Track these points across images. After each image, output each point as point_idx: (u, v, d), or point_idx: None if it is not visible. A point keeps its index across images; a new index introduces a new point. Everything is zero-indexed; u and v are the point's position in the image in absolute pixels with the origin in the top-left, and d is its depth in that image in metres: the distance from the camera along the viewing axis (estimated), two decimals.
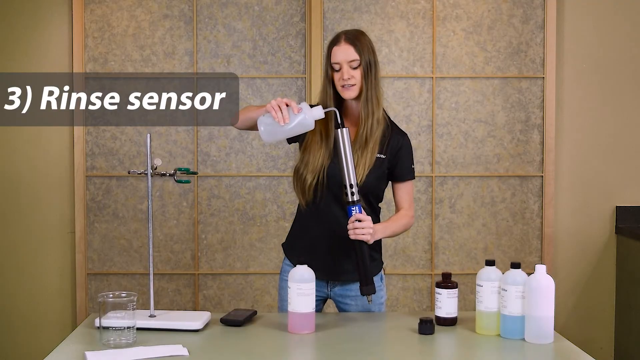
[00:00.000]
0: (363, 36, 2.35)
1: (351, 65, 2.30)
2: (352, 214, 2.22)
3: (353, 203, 2.22)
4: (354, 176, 2.21)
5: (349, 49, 2.30)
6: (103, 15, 3.67)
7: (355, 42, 2.31)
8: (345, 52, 2.30)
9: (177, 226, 3.72)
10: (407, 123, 3.70)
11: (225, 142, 3.71)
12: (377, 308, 2.44)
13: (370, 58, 2.33)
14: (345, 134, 2.20)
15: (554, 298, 2.04)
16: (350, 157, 2.21)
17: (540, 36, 3.69)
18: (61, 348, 2.01)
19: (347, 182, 2.21)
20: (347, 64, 2.30)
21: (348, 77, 2.29)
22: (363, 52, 2.31)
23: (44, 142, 3.70)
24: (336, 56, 2.31)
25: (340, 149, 2.21)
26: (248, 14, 3.69)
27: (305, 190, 2.35)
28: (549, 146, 3.69)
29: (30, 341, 3.73)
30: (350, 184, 2.21)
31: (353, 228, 2.21)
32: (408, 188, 2.43)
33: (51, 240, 3.71)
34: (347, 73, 2.29)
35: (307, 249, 2.38)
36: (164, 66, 3.69)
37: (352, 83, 2.30)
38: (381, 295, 2.45)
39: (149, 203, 2.25)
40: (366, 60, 2.31)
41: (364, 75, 2.31)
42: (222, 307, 3.72)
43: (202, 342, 2.05)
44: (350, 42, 2.31)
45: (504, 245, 3.74)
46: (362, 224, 2.21)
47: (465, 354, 2.03)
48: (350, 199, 2.22)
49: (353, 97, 2.32)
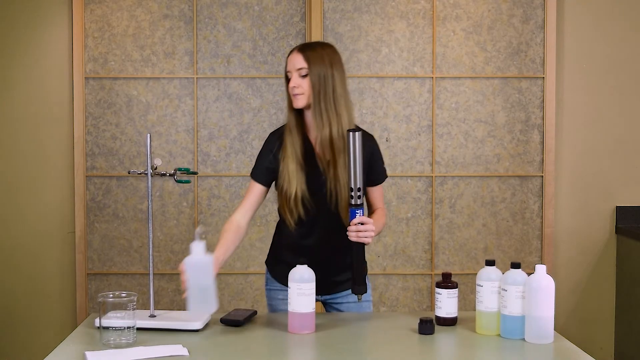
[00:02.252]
0: (322, 48, 2.33)
1: (299, 74, 2.30)
2: (356, 217, 2.23)
3: (357, 206, 2.22)
4: (360, 180, 2.21)
5: (298, 58, 2.30)
6: (103, 15, 3.67)
7: (307, 51, 2.31)
8: (294, 61, 2.31)
9: (177, 226, 3.72)
10: (407, 123, 3.70)
11: (225, 142, 3.71)
12: (366, 306, 2.47)
13: (325, 71, 2.29)
14: (357, 138, 2.19)
15: (554, 298, 2.04)
16: (359, 161, 2.20)
17: (540, 36, 3.69)
18: (61, 348, 2.01)
19: (354, 185, 2.21)
20: (296, 72, 2.30)
21: (294, 85, 2.30)
22: (313, 62, 2.29)
23: (44, 142, 3.70)
24: (288, 64, 2.33)
25: (350, 153, 2.21)
26: (248, 14, 3.69)
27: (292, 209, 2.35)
28: (549, 146, 3.69)
29: (30, 341, 3.73)
30: (358, 187, 2.21)
31: (356, 230, 2.22)
32: (380, 190, 2.50)
33: (51, 240, 3.71)
34: (293, 81, 2.30)
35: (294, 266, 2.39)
36: (164, 66, 3.69)
37: (299, 92, 2.29)
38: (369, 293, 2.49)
39: (149, 203, 2.25)
40: (317, 72, 2.28)
41: (313, 86, 2.29)
42: (222, 307, 3.72)
43: (202, 342, 2.05)
44: (300, 51, 2.31)
45: (504, 245, 3.74)
46: (365, 226, 2.22)
47: (465, 354, 2.03)
48: (355, 202, 2.22)
49: (301, 106, 2.32)
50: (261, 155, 2.42)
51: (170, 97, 3.70)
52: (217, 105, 3.70)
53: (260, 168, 2.40)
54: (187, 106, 3.70)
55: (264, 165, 2.39)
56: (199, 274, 2.05)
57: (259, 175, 2.40)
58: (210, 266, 2.07)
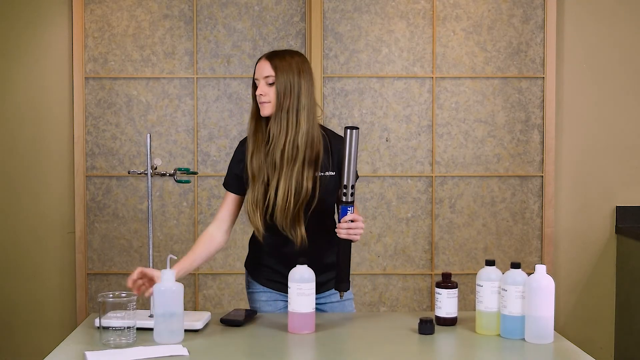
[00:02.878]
0: (291, 56, 2.30)
1: (266, 82, 2.27)
2: (347, 214, 2.22)
3: (349, 203, 2.22)
4: (353, 178, 2.21)
5: (266, 65, 2.27)
6: (103, 15, 3.67)
7: (275, 59, 2.28)
8: (261, 68, 2.28)
9: (177, 226, 3.72)
10: (407, 123, 3.70)
11: (225, 142, 3.71)
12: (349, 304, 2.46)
13: (292, 79, 2.26)
14: (354, 136, 2.19)
15: (554, 298, 2.04)
16: (353, 159, 2.20)
17: (540, 36, 3.69)
18: (61, 348, 2.01)
19: (347, 182, 2.21)
20: (263, 79, 2.28)
21: (260, 93, 2.27)
22: (280, 71, 2.26)
23: (44, 142, 3.70)
24: (255, 72, 2.31)
25: (346, 150, 2.20)
26: (248, 14, 3.69)
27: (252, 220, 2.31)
28: (549, 146, 3.69)
29: (30, 341, 3.73)
30: (351, 185, 2.21)
31: (347, 228, 2.21)
32: None
33: (51, 240, 3.72)
34: (260, 89, 2.28)
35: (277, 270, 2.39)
36: (164, 66, 3.69)
37: (266, 100, 2.27)
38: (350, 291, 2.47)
39: (149, 203, 2.25)
40: (284, 80, 2.25)
41: (278, 94, 2.26)
42: (222, 307, 3.72)
43: (202, 342, 2.05)
44: (268, 59, 2.28)
45: (504, 245, 3.74)
46: (355, 224, 2.22)
47: (465, 354, 2.03)
48: (346, 199, 2.22)
49: (267, 114, 2.28)
50: (231, 165, 2.40)
51: (170, 97, 3.70)
52: (217, 105, 3.70)
53: (231, 177, 2.38)
54: (187, 106, 3.70)
55: (233, 173, 2.37)
56: (168, 301, 2.02)
57: (231, 185, 2.38)
58: (179, 294, 2.04)
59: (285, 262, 2.31)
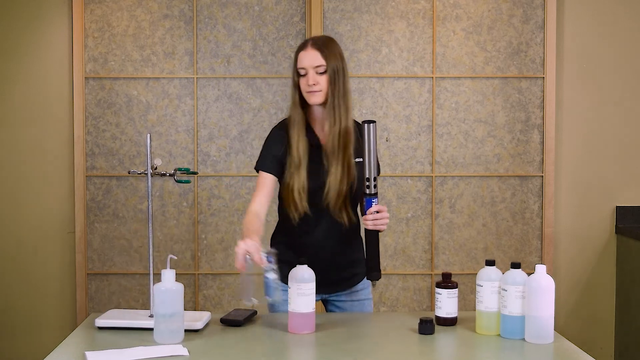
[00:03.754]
0: (332, 43, 2.35)
1: (317, 71, 2.30)
2: (372, 206, 2.26)
3: (373, 195, 2.26)
4: (374, 170, 2.26)
5: (316, 55, 2.30)
6: (103, 15, 3.67)
7: (323, 48, 2.31)
8: (312, 58, 2.30)
9: (177, 226, 3.72)
10: (407, 123, 3.70)
11: (225, 142, 3.71)
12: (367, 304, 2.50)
13: (338, 65, 2.32)
14: (372, 129, 2.23)
15: (554, 298, 2.04)
16: (373, 151, 2.24)
17: (540, 36, 3.69)
18: (61, 348, 2.01)
19: (369, 174, 2.25)
20: (313, 69, 2.30)
21: (313, 83, 2.29)
22: (330, 59, 2.30)
23: (44, 142, 3.70)
24: (302, 61, 2.31)
25: (365, 143, 2.24)
26: (248, 14, 3.69)
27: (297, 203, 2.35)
28: (549, 146, 3.69)
29: (30, 341, 3.73)
30: (374, 177, 2.26)
31: (373, 219, 2.26)
32: None
33: (51, 240, 3.71)
34: (312, 79, 2.29)
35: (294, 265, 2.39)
36: (164, 66, 3.69)
37: (318, 89, 2.30)
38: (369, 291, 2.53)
39: (149, 203, 2.25)
40: (333, 67, 2.31)
41: (330, 81, 2.30)
42: (222, 307, 3.72)
43: (202, 342, 2.05)
44: (317, 48, 2.31)
45: (504, 245, 3.74)
46: (381, 214, 2.27)
47: (465, 354, 2.03)
48: (370, 191, 2.26)
49: (318, 102, 2.32)
50: (268, 147, 2.40)
51: (170, 97, 3.70)
52: (217, 105, 3.70)
53: (269, 158, 2.38)
54: (187, 106, 3.70)
55: (271, 155, 2.38)
56: (168, 301, 2.02)
57: (268, 166, 2.38)
58: (179, 294, 2.04)
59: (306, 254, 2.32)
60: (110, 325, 2.15)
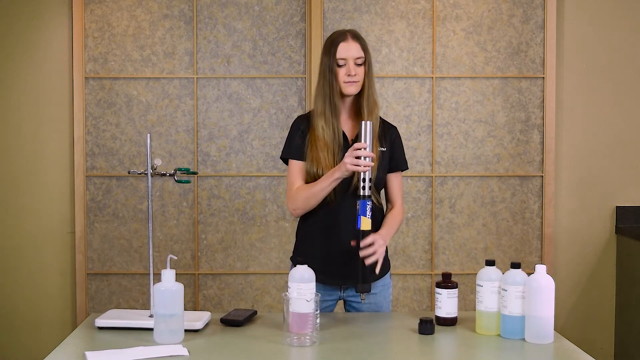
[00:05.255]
0: (360, 35, 2.46)
1: (356, 62, 2.38)
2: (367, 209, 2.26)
3: (366, 197, 2.27)
4: (370, 171, 2.26)
5: (357, 46, 2.39)
6: (103, 15, 3.67)
7: (362, 40, 2.42)
8: (354, 49, 2.38)
9: (177, 226, 3.72)
10: (407, 123, 3.70)
11: (225, 142, 3.71)
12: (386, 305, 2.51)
13: (370, 59, 2.43)
14: (368, 127, 2.26)
15: (554, 298, 2.04)
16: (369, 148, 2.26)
17: (540, 36, 3.69)
18: (61, 348, 2.01)
19: (366, 175, 2.26)
20: (353, 60, 2.37)
21: (354, 74, 2.36)
22: (367, 51, 2.41)
23: (44, 142, 3.70)
24: (343, 52, 2.37)
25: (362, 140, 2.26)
26: (248, 14, 3.69)
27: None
28: (549, 146, 3.69)
29: (30, 341, 3.73)
30: (370, 178, 2.27)
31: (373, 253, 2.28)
32: (400, 179, 2.54)
33: (51, 240, 3.71)
34: (353, 69, 2.37)
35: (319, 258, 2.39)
36: (164, 66, 3.69)
37: (357, 79, 2.38)
38: (389, 292, 2.54)
39: (149, 203, 2.25)
40: (369, 60, 2.41)
41: (367, 73, 2.40)
42: (222, 307, 3.72)
43: (202, 342, 2.05)
44: (357, 40, 2.40)
45: (504, 245, 3.74)
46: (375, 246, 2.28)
47: (465, 354, 2.03)
48: (364, 192, 2.26)
49: (354, 92, 2.40)
50: (293, 137, 2.46)
51: (170, 97, 3.70)
52: (217, 105, 3.70)
53: (297, 146, 2.44)
54: (187, 106, 3.70)
55: (299, 143, 2.44)
56: (168, 301, 2.02)
57: (298, 153, 2.43)
58: (179, 294, 2.04)
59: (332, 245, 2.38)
60: (110, 325, 2.15)
